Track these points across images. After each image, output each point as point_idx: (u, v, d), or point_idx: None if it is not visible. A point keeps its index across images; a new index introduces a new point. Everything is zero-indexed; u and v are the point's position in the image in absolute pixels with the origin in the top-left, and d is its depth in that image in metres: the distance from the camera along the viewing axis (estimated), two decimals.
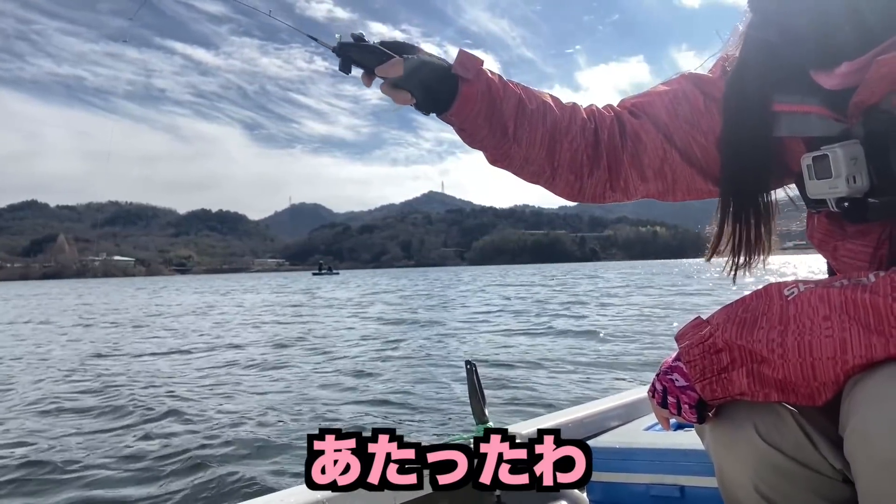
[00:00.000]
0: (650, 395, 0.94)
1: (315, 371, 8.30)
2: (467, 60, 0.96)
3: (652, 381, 0.93)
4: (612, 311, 15.68)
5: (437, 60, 0.96)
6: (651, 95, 1.04)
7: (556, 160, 1.02)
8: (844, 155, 0.80)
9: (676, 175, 1.02)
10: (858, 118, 0.80)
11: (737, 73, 0.95)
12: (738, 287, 1.01)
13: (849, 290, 0.72)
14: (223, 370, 8.62)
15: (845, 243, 0.90)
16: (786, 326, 0.75)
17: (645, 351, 8.84)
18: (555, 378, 7.12)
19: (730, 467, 0.85)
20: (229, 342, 12.03)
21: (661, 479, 1.31)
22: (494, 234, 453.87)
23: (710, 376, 0.81)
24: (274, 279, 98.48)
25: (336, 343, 11.44)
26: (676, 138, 1.00)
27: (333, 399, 6.46)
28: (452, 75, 0.95)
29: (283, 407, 6.10)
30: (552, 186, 1.07)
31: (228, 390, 7.09)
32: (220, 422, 5.55)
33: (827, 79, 0.80)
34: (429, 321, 15.63)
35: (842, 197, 0.82)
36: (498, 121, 0.98)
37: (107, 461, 4.52)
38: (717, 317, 0.83)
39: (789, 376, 0.74)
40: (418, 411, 5.75)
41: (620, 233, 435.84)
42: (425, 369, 8.01)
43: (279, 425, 5.38)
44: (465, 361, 1.45)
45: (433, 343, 11.07)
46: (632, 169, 1.03)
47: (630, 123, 1.03)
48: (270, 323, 16.38)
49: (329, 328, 14.72)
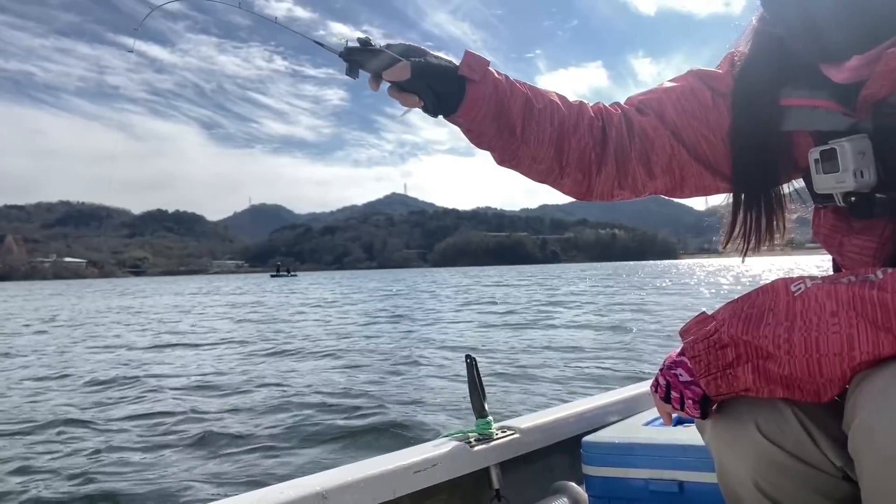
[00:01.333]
0: (653, 389, 0.93)
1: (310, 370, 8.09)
2: (474, 62, 0.95)
3: (655, 375, 0.93)
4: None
5: (444, 62, 0.95)
6: (658, 92, 1.03)
7: (565, 159, 1.01)
8: (852, 149, 0.79)
9: (684, 172, 1.02)
10: (867, 112, 0.79)
11: (746, 68, 0.95)
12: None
13: (856, 287, 0.72)
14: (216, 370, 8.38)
15: (851, 238, 0.89)
16: (792, 322, 0.74)
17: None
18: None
19: (730, 464, 0.85)
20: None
21: (660, 474, 1.30)
22: (457, 235, 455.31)
23: (715, 371, 0.81)
24: (232, 281, 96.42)
25: (324, 342, 11.12)
26: (684, 135, 1.00)
27: (336, 395, 6.31)
28: (459, 77, 0.95)
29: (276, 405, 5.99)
30: (560, 185, 1.06)
31: (225, 388, 6.97)
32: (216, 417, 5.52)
33: (837, 72, 0.79)
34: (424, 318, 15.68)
35: (849, 192, 0.82)
36: (506, 121, 0.98)
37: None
38: (723, 312, 0.82)
39: (795, 372, 0.74)
40: (417, 405, 5.71)
41: (581, 235, 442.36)
42: (422, 366, 7.96)
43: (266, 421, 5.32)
44: (466, 356, 1.43)
45: (431, 338, 11.07)
46: (640, 166, 1.02)
47: (637, 121, 1.02)
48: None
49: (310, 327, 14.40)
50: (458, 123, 0.98)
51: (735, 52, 1.00)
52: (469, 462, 1.35)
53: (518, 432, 1.45)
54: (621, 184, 1.05)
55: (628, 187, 1.05)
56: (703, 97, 0.99)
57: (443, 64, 0.95)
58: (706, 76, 1.01)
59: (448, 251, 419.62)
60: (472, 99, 0.95)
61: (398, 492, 1.21)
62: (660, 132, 1.01)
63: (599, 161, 1.03)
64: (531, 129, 0.99)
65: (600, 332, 11.22)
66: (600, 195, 1.06)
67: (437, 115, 0.97)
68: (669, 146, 1.01)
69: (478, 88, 0.95)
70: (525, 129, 0.98)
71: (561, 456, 1.56)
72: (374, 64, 0.92)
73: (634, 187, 1.05)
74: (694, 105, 0.99)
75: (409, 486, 1.23)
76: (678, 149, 1.00)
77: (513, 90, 0.98)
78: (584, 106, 1.04)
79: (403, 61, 0.92)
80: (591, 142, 1.02)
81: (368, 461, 1.25)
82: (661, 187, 1.05)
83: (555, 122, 1.00)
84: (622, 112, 1.05)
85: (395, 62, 0.91)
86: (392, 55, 0.92)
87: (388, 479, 1.20)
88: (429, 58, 0.94)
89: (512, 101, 0.98)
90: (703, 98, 0.99)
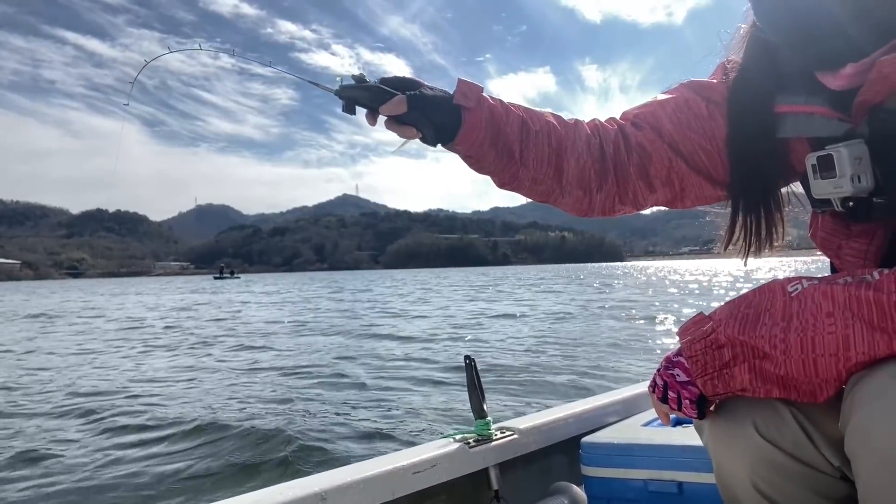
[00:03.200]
0: (650, 389, 0.94)
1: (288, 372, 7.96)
2: (467, 89, 0.96)
3: (653, 376, 0.93)
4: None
5: (439, 93, 0.97)
6: (652, 105, 1.04)
7: (565, 178, 1.02)
8: (849, 154, 0.80)
9: (684, 183, 1.03)
10: (863, 118, 0.80)
11: (740, 76, 0.96)
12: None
13: (853, 287, 0.72)
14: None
15: (850, 242, 0.91)
16: (788, 322, 0.75)
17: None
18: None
19: (728, 464, 0.85)
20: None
21: (659, 475, 1.31)
22: (409, 237, 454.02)
23: (712, 372, 0.82)
24: (172, 283, 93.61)
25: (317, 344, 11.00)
26: (681, 146, 1.01)
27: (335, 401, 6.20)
28: (455, 106, 0.96)
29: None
30: (561, 204, 1.07)
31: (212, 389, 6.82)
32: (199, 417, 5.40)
33: (833, 79, 0.80)
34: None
35: (846, 197, 0.82)
36: (504, 145, 0.98)
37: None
38: (720, 312, 0.83)
39: (791, 372, 0.74)
40: (417, 407, 5.72)
41: (532, 237, 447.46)
42: (417, 371, 7.92)
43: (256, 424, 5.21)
44: (465, 357, 1.42)
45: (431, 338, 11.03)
46: (639, 181, 1.04)
47: (634, 135, 1.03)
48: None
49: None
50: (457, 151, 0.99)
51: (727, 60, 1.01)
52: (468, 463, 1.35)
53: (517, 433, 1.45)
54: (622, 199, 1.06)
55: (629, 202, 1.06)
56: (697, 108, 1.00)
57: (437, 94, 0.96)
58: (699, 87, 1.02)
59: (400, 253, 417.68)
60: (469, 126, 0.96)
61: (397, 492, 1.21)
62: (657, 145, 1.02)
63: (599, 178, 1.04)
64: (530, 152, 1.00)
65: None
66: (602, 211, 1.07)
67: (435, 144, 0.98)
68: (667, 159, 1.02)
69: (474, 115, 0.96)
70: (524, 152, 1.00)
71: (560, 457, 1.57)
72: (370, 100, 0.95)
73: (635, 201, 1.06)
74: (689, 116, 1.00)
75: (409, 487, 1.23)
76: (676, 161, 1.02)
77: (508, 114, 0.99)
78: (581, 124, 1.05)
79: (399, 95, 0.94)
80: (589, 160, 1.03)
81: (367, 462, 1.24)
82: (661, 199, 1.07)
83: (552, 143, 1.01)
84: (618, 128, 1.06)
85: (390, 96, 0.94)
86: (387, 89, 0.94)
87: (388, 479, 1.20)
88: (423, 89, 0.96)
89: (508, 125, 0.99)
90: (699, 109, 1.00)
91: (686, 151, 1.01)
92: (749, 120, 0.94)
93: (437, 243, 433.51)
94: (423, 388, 6.64)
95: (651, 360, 8.02)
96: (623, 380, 6.64)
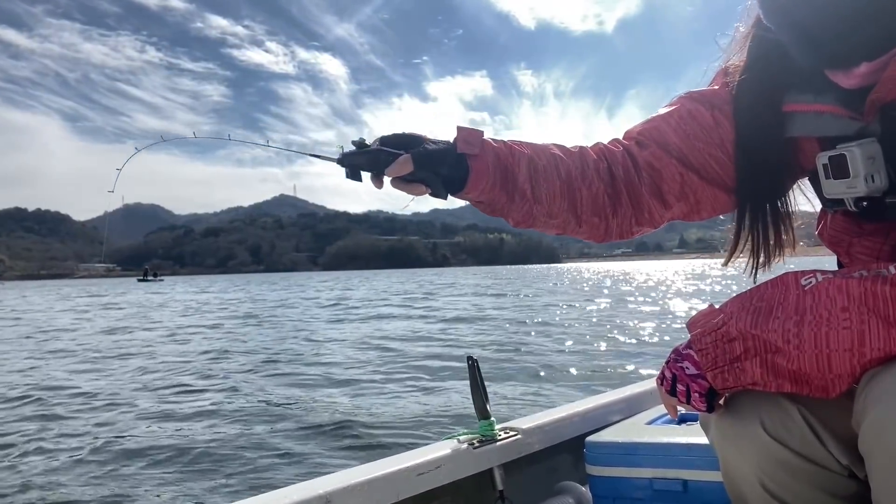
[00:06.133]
0: (658, 382, 0.93)
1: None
2: (469, 136, 0.95)
3: (661, 368, 0.92)
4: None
5: (441, 145, 0.95)
6: (655, 121, 1.03)
7: (580, 208, 1.01)
8: (862, 154, 0.78)
9: (699, 195, 1.01)
10: (875, 116, 0.79)
11: (745, 76, 0.94)
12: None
13: (868, 282, 0.71)
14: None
15: (862, 240, 0.90)
16: (802, 317, 0.74)
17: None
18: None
19: (735, 462, 0.85)
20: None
21: (663, 473, 1.30)
22: (348, 239, 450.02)
23: (722, 365, 0.80)
24: (90, 286, 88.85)
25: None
26: (691, 159, 0.99)
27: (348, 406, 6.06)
28: (459, 155, 0.94)
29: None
30: (578, 233, 1.05)
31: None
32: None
33: (846, 78, 0.78)
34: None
35: (860, 197, 0.81)
36: (514, 185, 0.97)
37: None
38: (731, 305, 0.82)
39: (804, 367, 0.73)
40: (419, 408, 5.73)
41: (471, 239, 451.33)
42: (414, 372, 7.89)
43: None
44: (467, 357, 1.40)
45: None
46: (653, 199, 1.02)
47: (640, 154, 1.02)
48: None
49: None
50: (468, 199, 0.97)
51: (728, 65, 1.00)
52: (472, 463, 1.33)
53: (521, 433, 1.44)
54: (638, 220, 1.04)
55: (645, 222, 1.05)
56: (702, 118, 0.98)
57: (441, 147, 0.94)
58: (700, 96, 1.01)
59: (339, 254, 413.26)
60: (476, 173, 0.94)
61: (402, 494, 1.20)
62: (665, 162, 1.00)
63: (613, 202, 1.02)
64: (541, 187, 0.98)
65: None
66: (620, 234, 1.05)
67: (446, 197, 0.97)
68: (678, 174, 1.00)
69: (480, 161, 0.95)
70: (535, 189, 0.98)
71: (564, 456, 1.57)
72: (373, 164, 0.94)
73: (652, 220, 1.05)
74: (695, 127, 0.98)
75: (413, 489, 1.22)
76: (688, 174, 1.00)
77: (513, 153, 0.97)
78: (585, 150, 1.04)
79: (404, 155, 0.92)
80: (601, 185, 1.01)
81: (371, 464, 1.23)
82: (678, 214, 1.04)
83: (562, 175, 0.99)
84: (623, 148, 1.04)
85: (393, 157, 0.92)
86: (390, 151, 0.93)
87: (392, 481, 1.19)
88: (426, 144, 0.94)
89: (516, 165, 0.97)
90: (703, 119, 0.98)
91: (697, 163, 0.99)
92: (757, 120, 0.92)
93: (376, 245, 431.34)
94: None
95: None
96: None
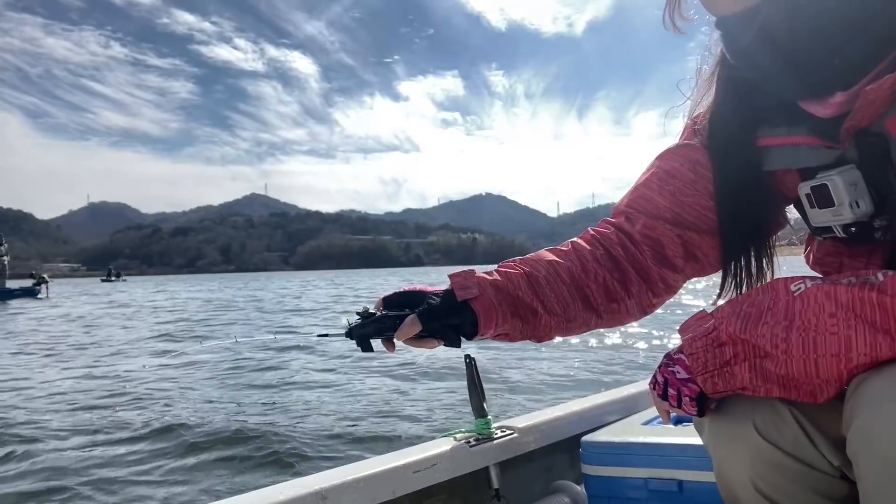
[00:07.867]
0: (651, 386, 0.93)
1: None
2: (463, 280, 0.97)
3: (653, 373, 0.93)
4: None
5: (443, 296, 0.97)
6: (639, 190, 1.03)
7: (594, 303, 1.02)
8: (843, 181, 0.79)
9: (704, 250, 1.01)
10: (850, 142, 0.79)
11: (715, 116, 0.95)
12: None
13: (857, 288, 0.71)
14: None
15: (853, 261, 0.91)
16: (791, 322, 0.74)
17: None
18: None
19: (728, 464, 0.85)
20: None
21: (659, 473, 1.30)
22: (321, 238, 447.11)
23: (713, 369, 0.81)
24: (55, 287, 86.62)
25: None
26: (684, 216, 0.99)
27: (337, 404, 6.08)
28: (463, 301, 0.96)
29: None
30: (604, 325, 1.06)
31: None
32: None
33: (821, 108, 0.79)
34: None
35: (848, 223, 0.82)
36: (524, 308, 0.99)
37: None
38: (722, 310, 0.82)
39: (792, 372, 0.74)
40: (418, 406, 5.72)
41: (444, 239, 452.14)
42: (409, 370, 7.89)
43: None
44: (465, 355, 1.38)
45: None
46: (662, 268, 1.02)
47: (633, 229, 1.02)
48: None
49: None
50: (488, 338, 0.99)
51: (694, 117, 1.01)
52: (468, 462, 1.33)
53: (517, 432, 1.44)
54: (654, 292, 1.05)
55: (661, 292, 1.05)
56: (683, 172, 0.99)
57: (443, 300, 0.96)
58: (674, 153, 1.02)
59: (312, 254, 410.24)
60: (484, 313, 0.96)
61: (397, 492, 1.20)
62: (660, 229, 1.01)
63: (624, 284, 1.03)
64: (549, 298, 1.00)
65: None
66: (642, 311, 1.06)
67: (460, 345, 0.98)
68: (676, 236, 1.00)
69: (483, 301, 0.96)
70: (544, 302, 1.00)
71: (560, 455, 1.56)
72: (382, 331, 0.96)
73: (668, 288, 1.06)
74: (677, 185, 0.99)
75: (409, 486, 1.22)
76: (686, 234, 1.00)
77: (510, 279, 0.99)
78: (578, 244, 1.05)
79: (410, 316, 0.94)
80: (605, 273, 1.02)
81: (367, 461, 1.23)
82: (691, 273, 1.05)
83: (566, 279, 1.01)
84: (615, 227, 1.05)
85: (400, 320, 0.95)
86: (395, 314, 0.95)
87: (388, 478, 1.19)
88: (429, 299, 0.96)
89: (518, 289, 0.99)
90: (683, 174, 0.99)
91: (691, 219, 0.99)
92: (733, 158, 0.93)
93: (349, 244, 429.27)
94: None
95: None
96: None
